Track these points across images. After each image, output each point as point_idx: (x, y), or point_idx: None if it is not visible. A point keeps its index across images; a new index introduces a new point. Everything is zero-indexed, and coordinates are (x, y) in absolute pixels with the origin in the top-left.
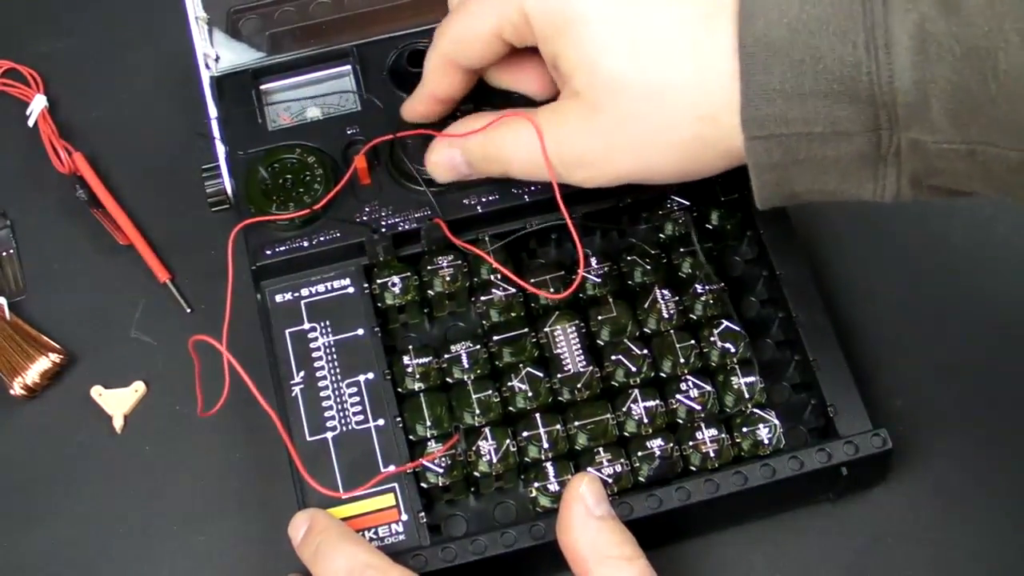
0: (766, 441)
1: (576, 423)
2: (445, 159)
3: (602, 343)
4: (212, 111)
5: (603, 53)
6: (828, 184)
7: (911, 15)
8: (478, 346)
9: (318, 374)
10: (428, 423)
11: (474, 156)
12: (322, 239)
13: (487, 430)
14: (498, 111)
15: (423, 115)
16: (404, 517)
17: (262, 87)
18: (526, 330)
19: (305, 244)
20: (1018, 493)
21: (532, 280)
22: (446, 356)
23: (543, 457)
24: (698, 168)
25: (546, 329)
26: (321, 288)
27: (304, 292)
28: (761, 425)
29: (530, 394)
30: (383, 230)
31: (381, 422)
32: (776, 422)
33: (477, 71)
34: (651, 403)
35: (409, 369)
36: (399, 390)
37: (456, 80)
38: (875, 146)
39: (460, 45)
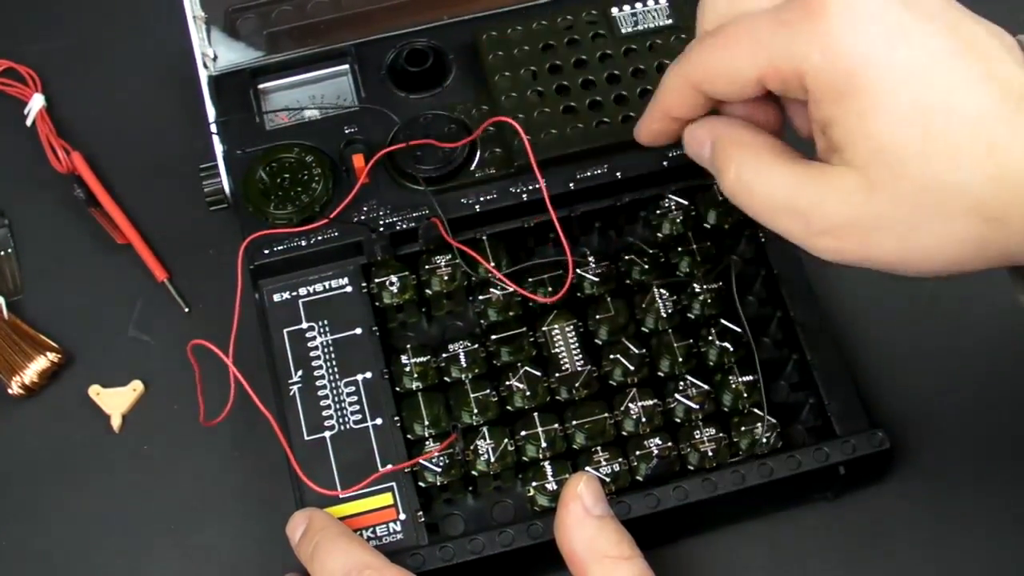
0: (764, 440)
1: (574, 422)
2: (697, 138)
3: (600, 342)
4: (210, 111)
5: (892, 136)
6: None
7: None
8: (476, 345)
9: (316, 373)
10: (426, 422)
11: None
12: (320, 238)
13: (485, 429)
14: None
15: (659, 133)
16: (402, 516)
17: (260, 86)
18: (524, 329)
19: (303, 243)
20: (1017, 493)
21: (530, 279)
22: (444, 355)
23: (541, 456)
24: (959, 268)
25: (544, 328)
26: (319, 287)
27: (302, 291)
28: (759, 424)
29: (528, 393)
30: (381, 229)
31: (379, 421)
32: (774, 421)
33: (722, 102)
34: (649, 402)
35: (407, 368)
36: (397, 389)
37: (697, 104)
38: None
39: (713, 78)
